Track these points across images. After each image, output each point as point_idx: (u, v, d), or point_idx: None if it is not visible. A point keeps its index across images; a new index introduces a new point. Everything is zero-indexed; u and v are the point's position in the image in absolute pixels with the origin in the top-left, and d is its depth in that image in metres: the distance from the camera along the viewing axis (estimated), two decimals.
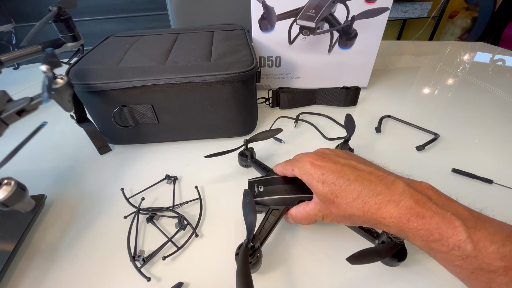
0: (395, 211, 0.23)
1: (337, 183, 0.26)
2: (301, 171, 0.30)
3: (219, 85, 0.42)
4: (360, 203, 0.25)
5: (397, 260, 0.29)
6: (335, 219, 0.28)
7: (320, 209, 0.28)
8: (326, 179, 0.27)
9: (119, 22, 1.68)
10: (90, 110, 0.46)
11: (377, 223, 0.24)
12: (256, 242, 0.28)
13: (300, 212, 0.30)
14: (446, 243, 0.21)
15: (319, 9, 0.53)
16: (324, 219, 0.29)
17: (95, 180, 0.44)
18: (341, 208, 0.26)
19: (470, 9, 1.86)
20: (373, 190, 0.25)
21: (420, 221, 0.22)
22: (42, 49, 0.57)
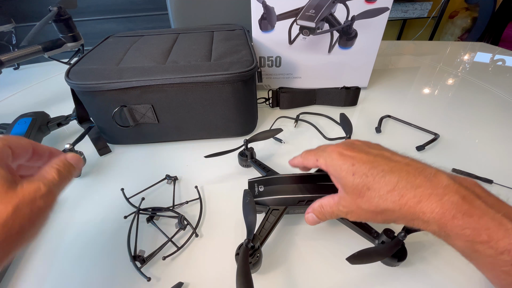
0: (437, 205, 0.21)
1: (369, 174, 0.24)
2: (327, 161, 0.27)
3: (219, 85, 0.42)
4: (396, 195, 0.22)
5: (397, 260, 0.29)
6: (363, 215, 0.25)
7: (346, 205, 0.26)
8: (356, 170, 0.24)
9: (119, 22, 1.68)
10: (90, 110, 0.46)
11: (415, 219, 0.22)
12: (256, 242, 0.28)
13: (325, 203, 0.28)
14: (495, 246, 0.19)
15: (319, 9, 0.53)
16: (348, 215, 0.26)
17: (95, 180, 0.44)
18: (372, 202, 0.23)
19: (470, 9, 1.86)
20: (411, 182, 0.22)
21: (467, 219, 0.20)
22: (42, 49, 0.57)
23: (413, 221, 0.22)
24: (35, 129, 0.46)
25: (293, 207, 0.32)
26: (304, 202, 0.31)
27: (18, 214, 0.19)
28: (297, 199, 0.32)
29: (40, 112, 0.50)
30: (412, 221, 0.22)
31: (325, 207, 0.28)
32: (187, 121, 0.46)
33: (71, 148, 0.41)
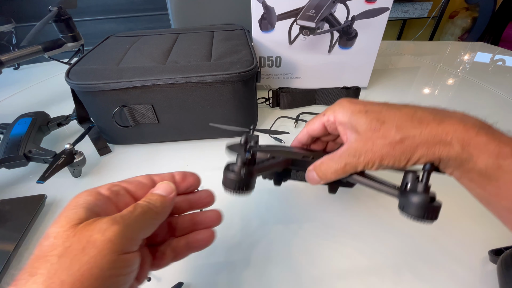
0: (460, 125, 0.21)
1: (383, 110, 0.23)
2: (336, 109, 0.26)
3: (219, 85, 0.42)
4: (416, 121, 0.22)
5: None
6: (378, 152, 0.22)
7: (357, 148, 0.23)
8: (369, 109, 0.24)
9: (119, 22, 1.68)
10: (90, 110, 0.46)
11: (436, 143, 0.21)
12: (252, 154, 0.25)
13: (330, 157, 0.25)
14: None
15: (319, 9, 0.53)
16: (360, 160, 0.23)
17: (95, 180, 0.44)
18: (390, 133, 0.22)
19: (470, 9, 1.86)
20: (429, 111, 0.22)
21: (491, 135, 0.20)
22: (43, 49, 0.57)
23: (434, 147, 0.21)
24: (35, 129, 0.46)
25: (296, 168, 0.29)
26: (310, 158, 0.28)
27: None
28: (301, 154, 0.29)
29: (40, 112, 0.50)
30: (434, 147, 0.21)
31: (327, 163, 0.25)
32: (187, 121, 0.46)
33: (71, 148, 0.41)
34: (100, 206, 0.18)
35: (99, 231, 0.16)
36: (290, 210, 0.37)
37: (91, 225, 0.16)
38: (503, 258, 0.27)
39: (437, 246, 0.32)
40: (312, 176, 0.26)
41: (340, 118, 0.25)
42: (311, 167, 0.27)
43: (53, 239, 0.16)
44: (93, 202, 0.18)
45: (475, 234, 0.33)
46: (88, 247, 0.15)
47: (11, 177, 0.44)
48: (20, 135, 0.43)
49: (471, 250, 0.31)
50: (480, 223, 0.34)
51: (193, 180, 0.25)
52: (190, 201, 0.25)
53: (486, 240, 0.32)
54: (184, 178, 0.24)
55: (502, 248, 0.29)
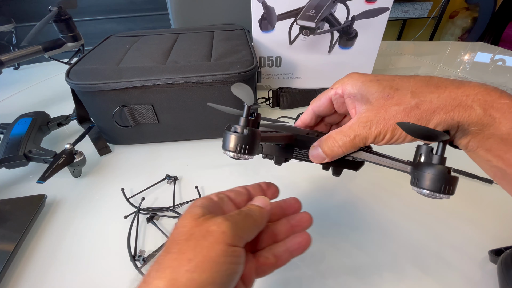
0: (480, 87, 0.20)
1: (396, 79, 0.22)
2: (345, 81, 0.25)
3: (219, 85, 0.42)
4: (432, 86, 0.21)
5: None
6: (391, 119, 0.21)
7: (368, 117, 0.22)
8: (381, 78, 0.23)
9: (119, 22, 1.68)
10: (90, 110, 0.46)
11: (456, 106, 0.20)
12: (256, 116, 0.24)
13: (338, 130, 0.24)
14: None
15: (319, 9, 0.53)
16: (371, 130, 0.22)
17: (95, 180, 0.44)
18: (404, 98, 0.21)
19: (471, 9, 1.86)
20: (445, 78, 0.21)
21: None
22: (43, 49, 0.57)
23: (453, 111, 0.20)
24: (35, 129, 0.46)
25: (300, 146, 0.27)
26: (314, 135, 0.27)
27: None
28: (305, 131, 0.27)
29: (40, 112, 0.50)
30: (453, 111, 0.20)
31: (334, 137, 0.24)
32: (187, 121, 0.46)
33: (71, 148, 0.41)
34: (212, 207, 0.22)
35: (215, 224, 0.19)
36: None
37: (209, 220, 0.20)
38: (503, 258, 0.27)
39: (437, 246, 0.32)
40: (317, 153, 0.25)
41: (349, 89, 0.24)
42: (316, 143, 0.25)
43: (182, 228, 0.20)
44: (207, 204, 0.22)
45: (475, 234, 0.33)
46: (207, 235, 0.19)
47: (11, 177, 0.44)
48: (20, 135, 0.43)
49: (471, 250, 0.31)
50: (480, 223, 0.34)
51: (275, 188, 0.27)
52: (282, 208, 0.26)
53: (486, 240, 0.32)
54: (269, 187, 0.27)
55: (502, 248, 0.29)
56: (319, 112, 0.28)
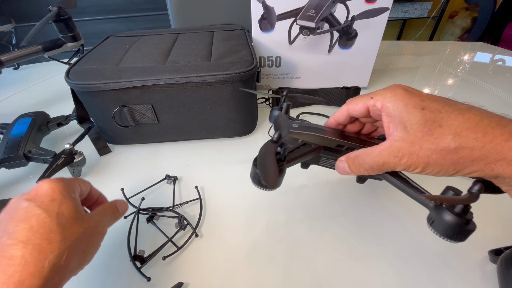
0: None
1: (443, 110, 0.20)
2: (387, 96, 0.23)
3: (219, 85, 0.42)
4: (480, 132, 0.19)
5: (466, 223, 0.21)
6: (424, 158, 0.20)
7: (402, 147, 0.21)
8: (427, 105, 0.21)
9: (119, 22, 1.68)
10: (90, 110, 0.46)
11: (499, 160, 0.19)
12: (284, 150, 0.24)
13: (367, 152, 0.23)
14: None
15: (319, 9, 0.53)
16: (402, 161, 0.21)
17: (95, 180, 0.43)
18: (445, 139, 0.19)
19: (470, 9, 1.86)
20: (497, 121, 0.19)
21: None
22: (42, 49, 0.57)
23: (495, 163, 0.19)
24: (35, 129, 0.46)
25: (328, 154, 0.28)
26: (344, 148, 0.27)
27: (85, 235, 0.23)
28: (336, 142, 0.27)
29: (40, 112, 0.50)
30: (494, 163, 0.19)
31: (362, 158, 0.23)
32: (187, 121, 0.46)
33: (71, 148, 0.41)
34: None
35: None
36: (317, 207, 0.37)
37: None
38: (503, 258, 0.27)
39: (437, 246, 0.32)
40: (343, 167, 0.25)
41: (389, 109, 0.22)
42: (344, 158, 0.25)
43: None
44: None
45: (475, 234, 0.33)
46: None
47: (11, 177, 0.44)
48: (20, 135, 0.43)
49: (471, 250, 0.31)
50: (480, 223, 0.34)
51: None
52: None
53: (486, 240, 0.32)
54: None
55: (502, 248, 0.29)
56: (354, 115, 0.27)
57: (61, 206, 0.22)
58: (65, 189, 0.24)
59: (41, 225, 0.20)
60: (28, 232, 0.20)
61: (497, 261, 0.28)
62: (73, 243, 0.22)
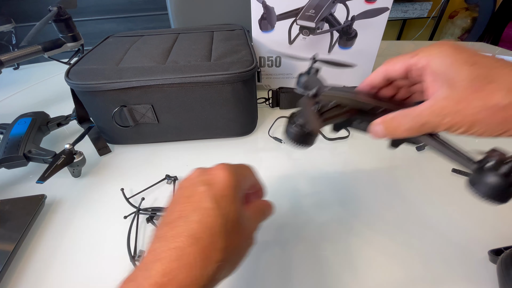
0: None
1: (495, 66, 0.19)
2: (433, 52, 0.21)
3: (219, 85, 0.42)
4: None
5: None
6: (470, 116, 0.19)
7: (447, 105, 0.19)
8: (478, 60, 0.19)
9: (119, 22, 1.68)
10: (90, 110, 0.46)
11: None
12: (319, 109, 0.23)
13: (406, 113, 0.22)
14: None
15: (319, 9, 0.53)
16: (445, 120, 0.20)
17: (95, 180, 0.44)
18: (496, 96, 0.18)
19: (470, 9, 1.86)
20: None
21: None
22: (42, 49, 0.57)
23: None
24: (35, 129, 0.46)
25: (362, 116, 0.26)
26: (379, 111, 0.25)
27: (240, 247, 0.22)
28: (371, 104, 0.25)
29: (40, 112, 0.50)
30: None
31: (400, 119, 0.22)
32: (187, 121, 0.46)
33: (71, 148, 0.41)
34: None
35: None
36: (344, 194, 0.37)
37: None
38: (502, 258, 0.27)
39: (437, 246, 0.32)
40: (378, 130, 0.23)
41: (436, 66, 0.21)
42: (379, 121, 0.23)
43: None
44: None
45: (475, 234, 0.33)
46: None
47: (11, 177, 0.44)
48: (19, 135, 0.43)
49: (471, 250, 0.31)
50: (480, 223, 0.35)
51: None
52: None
53: (486, 240, 0.32)
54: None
55: (501, 248, 0.29)
56: (391, 77, 0.25)
57: (230, 206, 0.21)
58: (237, 186, 0.22)
59: (209, 223, 0.19)
60: (198, 226, 0.19)
61: (497, 261, 0.28)
62: (229, 255, 0.20)
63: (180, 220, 0.19)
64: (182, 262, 0.17)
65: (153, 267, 0.18)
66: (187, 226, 0.19)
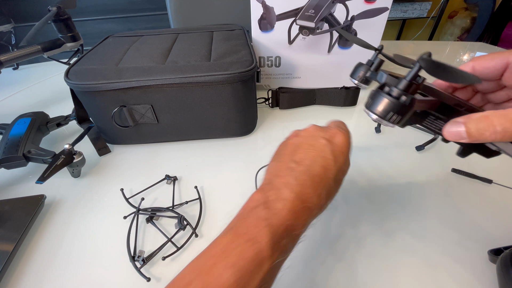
0: None
1: None
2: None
3: (219, 85, 0.42)
4: None
5: None
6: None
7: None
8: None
9: (119, 22, 1.68)
10: (89, 110, 0.46)
11: None
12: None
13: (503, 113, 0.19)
14: None
15: (319, 9, 0.53)
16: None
17: (95, 180, 0.43)
18: None
19: (470, 9, 1.86)
20: None
21: None
22: (42, 49, 0.57)
23: None
24: (34, 129, 0.46)
25: (440, 112, 0.23)
26: (462, 109, 0.23)
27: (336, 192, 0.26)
28: (455, 100, 0.23)
29: (39, 112, 0.50)
30: None
31: (494, 118, 0.19)
32: (186, 121, 0.46)
33: (71, 148, 0.41)
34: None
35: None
36: None
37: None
38: (502, 258, 0.27)
39: (436, 246, 0.32)
40: (457, 130, 0.20)
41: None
42: (462, 119, 0.20)
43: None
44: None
45: (474, 234, 0.33)
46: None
47: (10, 178, 0.44)
48: (19, 135, 0.43)
49: (470, 250, 0.31)
50: (479, 222, 0.35)
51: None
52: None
53: (485, 240, 0.32)
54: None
55: (501, 248, 0.29)
56: (482, 74, 0.23)
57: (345, 163, 0.25)
58: (350, 147, 0.27)
59: (328, 170, 0.24)
60: (321, 170, 0.23)
61: (496, 261, 0.28)
62: (334, 194, 0.25)
63: (307, 161, 0.24)
64: (314, 191, 0.23)
65: (296, 189, 0.22)
66: (314, 167, 0.24)
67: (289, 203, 0.21)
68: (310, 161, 0.24)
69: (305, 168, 0.23)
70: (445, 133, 0.21)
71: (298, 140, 0.27)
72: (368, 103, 0.22)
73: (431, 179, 0.41)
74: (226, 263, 0.18)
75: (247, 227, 0.20)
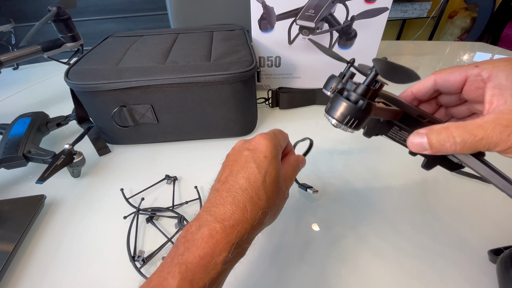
0: None
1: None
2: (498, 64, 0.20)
3: (219, 85, 0.42)
4: None
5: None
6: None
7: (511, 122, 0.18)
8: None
9: (119, 22, 1.68)
10: (89, 110, 0.46)
11: None
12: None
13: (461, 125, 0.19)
14: None
15: (319, 9, 0.53)
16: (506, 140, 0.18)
17: (95, 180, 0.43)
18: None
19: (470, 9, 1.86)
20: None
21: None
22: (42, 49, 0.57)
23: None
24: (34, 129, 0.46)
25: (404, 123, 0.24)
26: (424, 120, 0.23)
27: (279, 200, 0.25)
28: (417, 111, 0.23)
29: (39, 112, 0.50)
30: None
31: (453, 130, 0.19)
32: (186, 121, 0.46)
33: (71, 148, 0.41)
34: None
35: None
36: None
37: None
38: (502, 258, 0.27)
39: (436, 246, 0.32)
40: (420, 142, 0.21)
41: (501, 79, 0.19)
42: (424, 130, 0.20)
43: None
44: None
45: (474, 234, 0.33)
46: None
47: (10, 178, 0.44)
48: (19, 135, 0.43)
49: (470, 250, 0.31)
50: (479, 222, 0.35)
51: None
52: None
53: (485, 240, 0.32)
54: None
55: (501, 248, 0.29)
56: (443, 87, 0.23)
57: (269, 166, 0.24)
58: (275, 149, 0.26)
59: (254, 180, 0.23)
60: (245, 181, 0.23)
61: (496, 261, 0.28)
62: (270, 204, 0.24)
63: (231, 177, 0.24)
64: (236, 206, 0.22)
65: (214, 210, 0.22)
66: (237, 181, 0.23)
67: (207, 229, 0.21)
68: (233, 177, 0.24)
69: (228, 185, 0.23)
70: (409, 144, 0.22)
71: (225, 161, 0.27)
72: (327, 107, 0.21)
73: (431, 178, 0.41)
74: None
75: (160, 271, 0.20)
